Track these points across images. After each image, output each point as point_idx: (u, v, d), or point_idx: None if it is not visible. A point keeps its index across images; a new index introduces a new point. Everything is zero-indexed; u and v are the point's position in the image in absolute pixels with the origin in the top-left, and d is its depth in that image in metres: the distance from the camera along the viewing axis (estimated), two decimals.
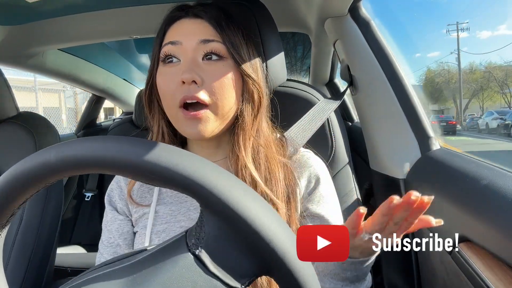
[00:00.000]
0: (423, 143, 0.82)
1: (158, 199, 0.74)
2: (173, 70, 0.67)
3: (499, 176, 0.57)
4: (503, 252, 0.48)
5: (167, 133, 0.74)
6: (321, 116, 0.87)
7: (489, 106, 21.99)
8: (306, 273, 0.38)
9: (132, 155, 0.37)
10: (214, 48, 0.67)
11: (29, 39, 1.34)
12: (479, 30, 51.50)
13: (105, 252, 0.75)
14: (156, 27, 0.73)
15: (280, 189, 0.69)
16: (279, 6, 1.15)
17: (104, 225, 0.78)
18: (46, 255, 1.15)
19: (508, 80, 23.02)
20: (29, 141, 1.18)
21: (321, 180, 0.74)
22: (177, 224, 0.71)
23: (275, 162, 0.70)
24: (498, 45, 44.68)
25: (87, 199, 2.07)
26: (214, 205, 0.37)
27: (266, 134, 0.73)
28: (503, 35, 31.03)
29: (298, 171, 0.74)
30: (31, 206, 1.13)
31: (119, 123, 1.80)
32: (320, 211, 0.73)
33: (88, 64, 1.98)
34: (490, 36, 47.80)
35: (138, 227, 0.75)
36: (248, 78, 0.69)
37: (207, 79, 0.65)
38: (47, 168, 0.39)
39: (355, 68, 0.95)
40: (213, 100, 0.65)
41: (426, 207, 0.48)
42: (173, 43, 0.67)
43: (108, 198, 0.79)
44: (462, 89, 22.30)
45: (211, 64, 0.67)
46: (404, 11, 20.34)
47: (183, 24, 0.69)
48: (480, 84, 23.46)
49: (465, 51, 28.40)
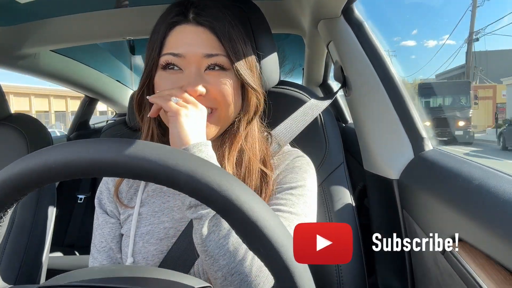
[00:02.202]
0: (416, 144, 0.82)
1: (141, 200, 0.74)
2: (174, 77, 0.67)
3: (491, 176, 0.57)
4: (496, 251, 0.49)
5: (156, 134, 0.74)
6: (310, 114, 0.87)
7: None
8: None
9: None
10: (218, 61, 0.66)
11: (21, 40, 1.33)
12: (426, 39, 54.02)
13: (99, 257, 0.75)
14: (150, 29, 0.72)
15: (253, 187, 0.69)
16: (272, 8, 1.15)
17: (95, 229, 0.77)
18: (38, 258, 1.14)
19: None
20: (21, 143, 1.17)
21: (294, 170, 0.72)
22: (160, 226, 0.71)
23: (253, 172, 0.70)
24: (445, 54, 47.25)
25: (80, 201, 2.06)
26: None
27: (254, 135, 0.73)
28: (448, 44, 33.33)
29: (278, 166, 0.73)
30: (23, 208, 1.12)
31: (112, 124, 1.79)
32: (279, 200, 0.68)
33: (81, 65, 1.97)
34: (436, 45, 50.02)
35: (124, 229, 0.74)
36: (248, 86, 0.69)
37: (211, 89, 0.66)
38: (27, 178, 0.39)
39: (348, 70, 0.95)
40: (215, 108, 0.67)
41: None
42: (175, 54, 0.66)
43: (97, 200, 0.78)
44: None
45: (214, 75, 0.67)
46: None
47: (185, 33, 0.67)
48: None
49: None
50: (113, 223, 0.76)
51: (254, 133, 0.73)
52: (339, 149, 0.93)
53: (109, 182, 0.78)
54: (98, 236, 0.76)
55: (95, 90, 2.28)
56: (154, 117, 0.73)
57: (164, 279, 0.42)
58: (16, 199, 0.41)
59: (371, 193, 0.97)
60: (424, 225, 0.70)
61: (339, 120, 1.84)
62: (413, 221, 0.74)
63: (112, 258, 0.74)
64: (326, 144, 0.91)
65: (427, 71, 41.67)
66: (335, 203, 0.87)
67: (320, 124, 0.92)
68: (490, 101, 20.01)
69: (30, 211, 1.12)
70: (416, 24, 58.81)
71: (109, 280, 0.41)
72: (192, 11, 0.67)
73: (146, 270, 0.44)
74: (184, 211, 0.70)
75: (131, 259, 0.70)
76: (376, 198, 0.93)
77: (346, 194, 0.90)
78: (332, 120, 0.95)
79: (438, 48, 50.22)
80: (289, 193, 0.69)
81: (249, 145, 0.71)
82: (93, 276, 0.42)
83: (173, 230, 0.70)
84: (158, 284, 0.42)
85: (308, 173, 0.73)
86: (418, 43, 57.20)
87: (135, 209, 0.73)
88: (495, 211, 0.50)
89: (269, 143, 0.76)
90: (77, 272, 0.43)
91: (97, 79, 2.21)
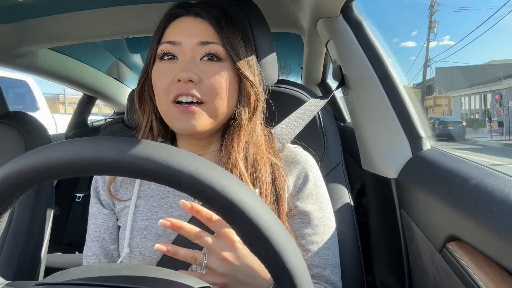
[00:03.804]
0: (414, 143, 0.82)
1: (139, 192, 0.74)
2: (170, 66, 0.67)
3: (488, 175, 0.57)
4: (493, 250, 0.49)
5: (156, 128, 0.74)
6: (310, 113, 0.87)
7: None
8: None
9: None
10: (213, 50, 0.66)
11: (19, 38, 1.32)
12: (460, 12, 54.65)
13: (92, 246, 0.75)
14: (149, 27, 0.73)
15: (265, 187, 0.69)
16: (271, 7, 1.15)
17: (90, 218, 0.77)
18: (36, 256, 1.14)
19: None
20: (19, 141, 1.16)
21: (310, 176, 0.74)
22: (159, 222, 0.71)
23: (262, 163, 0.70)
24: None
25: (78, 199, 2.06)
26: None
27: (259, 133, 0.73)
28: (448, 45, 35.35)
29: (286, 168, 0.74)
30: (21, 206, 1.12)
31: (111, 123, 1.78)
32: (308, 208, 0.73)
33: (80, 64, 1.96)
34: (436, 46, 51.47)
35: (121, 221, 0.75)
36: (246, 80, 0.69)
37: (204, 79, 0.65)
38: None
39: (347, 69, 0.95)
40: (208, 99, 0.65)
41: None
42: (172, 42, 0.67)
43: (93, 189, 0.78)
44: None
45: (209, 64, 0.67)
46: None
47: (183, 23, 0.69)
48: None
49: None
50: (106, 214, 0.76)
51: (258, 130, 0.73)
52: (337, 148, 0.93)
53: None
54: (92, 225, 0.76)
55: (94, 89, 2.27)
56: (154, 112, 0.73)
57: (163, 278, 0.42)
58: (15, 196, 0.41)
59: (369, 192, 0.97)
60: (421, 224, 0.70)
61: (337, 119, 1.84)
62: (411, 220, 0.74)
63: (106, 249, 0.75)
64: (325, 143, 0.92)
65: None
66: (333, 202, 0.88)
67: (319, 123, 0.92)
68: (446, 107, 30.06)
69: (28, 209, 1.12)
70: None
71: (107, 279, 0.41)
72: (193, 6, 0.70)
73: (145, 269, 0.44)
74: (183, 209, 0.70)
75: (127, 249, 0.69)
76: (374, 197, 0.94)
77: (344, 193, 0.91)
78: (331, 119, 0.95)
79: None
80: (314, 199, 0.74)
81: (255, 140, 0.71)
82: (91, 274, 0.42)
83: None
84: (157, 283, 0.42)
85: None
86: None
87: (131, 201, 0.72)
88: (493, 210, 0.50)
89: (272, 141, 0.77)
90: (76, 270, 0.43)
91: (96, 78, 2.20)
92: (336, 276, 0.73)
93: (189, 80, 0.63)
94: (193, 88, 0.64)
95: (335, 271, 0.74)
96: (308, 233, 0.72)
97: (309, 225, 0.72)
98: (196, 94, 0.64)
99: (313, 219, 0.73)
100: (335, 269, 0.74)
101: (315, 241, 0.72)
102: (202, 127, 0.66)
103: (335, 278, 0.73)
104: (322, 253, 0.72)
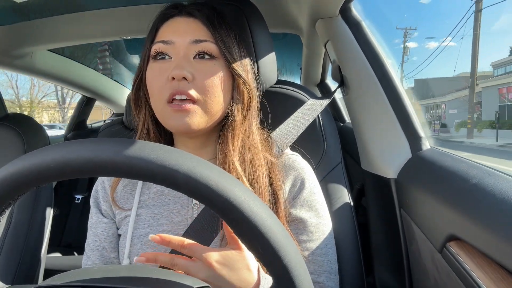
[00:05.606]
0: (413, 143, 0.82)
1: (139, 201, 0.74)
2: (164, 66, 0.67)
3: (488, 175, 0.57)
4: (493, 250, 0.49)
5: (152, 130, 0.74)
6: (310, 115, 0.87)
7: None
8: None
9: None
10: (206, 48, 0.67)
11: (17, 39, 1.32)
12: (428, 41, 57.29)
13: (92, 255, 0.75)
14: (147, 28, 0.73)
15: (263, 188, 0.68)
16: (270, 7, 1.15)
17: (89, 227, 0.77)
18: (36, 258, 1.13)
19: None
20: (18, 142, 1.16)
21: (306, 184, 0.74)
22: (159, 228, 0.70)
23: (259, 163, 0.70)
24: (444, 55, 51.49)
25: (77, 201, 2.06)
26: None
27: (255, 135, 0.73)
28: (448, 46, 35.90)
29: (283, 174, 0.74)
30: (21, 208, 1.11)
31: (110, 124, 1.78)
32: (303, 215, 0.72)
33: (78, 65, 1.96)
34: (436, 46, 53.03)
35: (121, 230, 0.74)
36: (238, 77, 0.69)
37: (198, 77, 0.65)
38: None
39: (346, 69, 0.95)
40: (202, 97, 0.65)
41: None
42: (165, 42, 0.67)
43: (93, 199, 0.78)
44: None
45: (203, 62, 0.67)
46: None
47: (176, 23, 0.69)
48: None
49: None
50: (106, 223, 0.76)
51: (253, 131, 0.73)
52: (337, 148, 0.93)
53: (105, 181, 0.78)
54: (92, 235, 0.76)
55: (92, 90, 2.27)
56: (150, 113, 0.73)
57: (162, 278, 0.42)
58: (14, 198, 0.40)
59: (369, 193, 0.97)
60: (421, 224, 0.70)
61: (336, 120, 1.84)
62: (411, 220, 0.74)
63: (106, 258, 0.75)
64: (324, 144, 0.91)
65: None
66: (333, 202, 0.88)
67: (318, 124, 0.92)
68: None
69: (27, 210, 1.12)
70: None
71: (106, 280, 0.41)
72: (186, 6, 0.70)
73: (144, 270, 0.44)
74: (183, 215, 0.70)
75: (127, 260, 0.70)
76: (374, 197, 0.94)
77: (344, 194, 0.90)
78: (330, 120, 0.95)
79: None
80: (309, 207, 0.74)
81: (251, 140, 0.71)
82: (90, 276, 0.42)
83: (172, 233, 0.69)
84: (156, 283, 0.41)
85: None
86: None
87: (133, 210, 0.72)
88: (492, 209, 0.50)
89: (270, 146, 0.76)
90: (75, 272, 0.43)
91: (94, 79, 2.20)
92: (332, 282, 0.73)
93: (182, 78, 0.63)
94: (187, 86, 0.64)
95: (331, 277, 0.73)
96: (303, 239, 0.72)
97: (304, 232, 0.72)
98: (190, 93, 0.64)
99: (308, 226, 0.72)
100: (331, 275, 0.73)
101: (310, 247, 0.72)
102: (196, 125, 0.66)
103: (331, 284, 0.73)
104: (317, 260, 0.72)
